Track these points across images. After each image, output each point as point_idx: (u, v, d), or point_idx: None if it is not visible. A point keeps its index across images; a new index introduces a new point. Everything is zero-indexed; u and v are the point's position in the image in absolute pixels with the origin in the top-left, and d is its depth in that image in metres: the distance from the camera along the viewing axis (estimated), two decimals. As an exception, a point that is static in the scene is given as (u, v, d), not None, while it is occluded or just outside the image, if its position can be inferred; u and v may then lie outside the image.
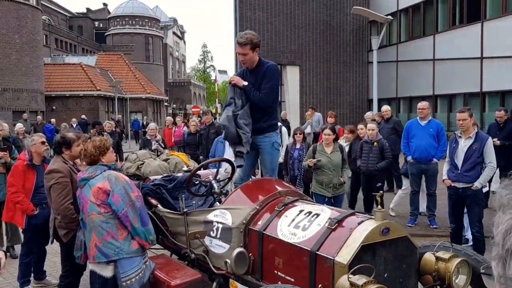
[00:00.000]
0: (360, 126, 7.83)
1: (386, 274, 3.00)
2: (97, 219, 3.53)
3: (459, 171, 5.71)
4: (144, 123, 30.00)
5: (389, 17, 18.27)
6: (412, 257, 3.18)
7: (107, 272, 3.57)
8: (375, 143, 7.40)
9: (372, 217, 3.08)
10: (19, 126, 11.01)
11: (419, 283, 3.29)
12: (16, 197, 4.88)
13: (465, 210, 6.10)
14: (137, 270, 3.57)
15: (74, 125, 19.51)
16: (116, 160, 4.85)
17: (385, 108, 10.48)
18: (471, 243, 6.17)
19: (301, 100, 20.28)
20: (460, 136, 5.77)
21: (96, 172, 3.63)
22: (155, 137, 9.13)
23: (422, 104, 7.47)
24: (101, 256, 3.52)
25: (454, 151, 5.83)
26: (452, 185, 5.83)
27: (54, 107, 32.06)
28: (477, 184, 5.61)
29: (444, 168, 6.07)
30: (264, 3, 19.42)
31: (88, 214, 3.56)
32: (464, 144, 5.70)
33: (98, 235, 3.52)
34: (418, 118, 7.56)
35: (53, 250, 5.98)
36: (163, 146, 8.74)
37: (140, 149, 8.53)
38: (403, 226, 5.53)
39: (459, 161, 5.72)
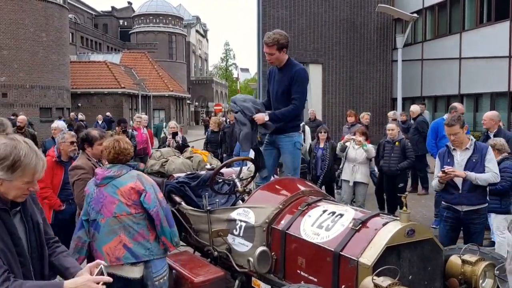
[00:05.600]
0: (390, 126, 7.71)
1: (410, 277, 2.97)
2: (127, 219, 3.45)
3: (459, 192, 4.61)
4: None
5: (415, 15, 17.92)
6: (438, 259, 3.14)
7: (133, 273, 3.49)
8: (397, 143, 7.33)
9: (397, 218, 3.05)
10: (60, 124, 8.40)
11: (444, 286, 3.24)
12: (44, 192, 4.98)
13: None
14: (166, 269, 3.62)
15: (100, 122, 19.83)
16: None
17: (411, 108, 10.43)
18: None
19: (324, 98, 20.15)
20: (454, 149, 4.77)
21: (122, 171, 3.55)
22: (176, 134, 9.17)
23: (459, 107, 7.45)
24: (130, 257, 3.44)
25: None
26: (452, 206, 4.70)
27: (79, 104, 32.65)
28: (471, 175, 4.49)
29: (433, 183, 4.91)
30: (287, 1, 19.34)
31: (115, 215, 3.45)
32: (461, 158, 4.69)
33: (128, 236, 3.45)
34: (445, 118, 7.44)
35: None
36: (182, 144, 8.71)
37: (159, 147, 8.60)
38: (428, 227, 5.44)
39: (457, 179, 4.61)
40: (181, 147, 7.52)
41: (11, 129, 4.29)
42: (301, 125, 8.37)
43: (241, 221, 3.77)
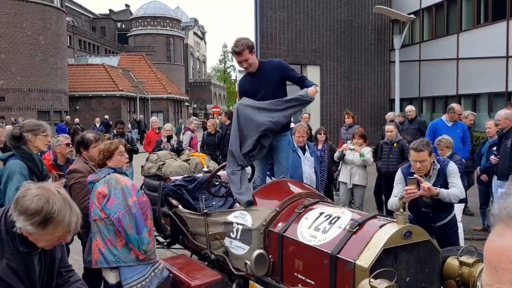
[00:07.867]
0: (388, 127, 7.71)
1: (408, 279, 2.95)
2: (100, 224, 3.52)
3: (430, 214, 4.26)
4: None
5: (412, 16, 17.97)
6: (435, 261, 3.12)
7: (110, 278, 3.53)
8: (395, 144, 7.33)
9: (394, 220, 3.04)
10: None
11: (442, 288, 3.23)
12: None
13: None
14: (139, 278, 3.50)
15: (98, 125, 19.80)
16: None
17: (409, 108, 10.33)
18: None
19: (322, 100, 20.14)
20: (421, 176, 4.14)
21: (101, 175, 3.63)
22: (171, 138, 9.13)
23: (457, 108, 7.43)
24: (103, 261, 3.48)
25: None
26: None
27: (77, 107, 32.66)
28: (443, 192, 4.00)
29: (390, 202, 4.22)
30: (285, 2, 19.35)
31: (93, 218, 3.56)
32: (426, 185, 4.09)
33: (101, 240, 3.50)
34: (443, 118, 7.41)
35: (76, 249, 6.08)
36: (177, 147, 8.65)
37: (153, 150, 8.56)
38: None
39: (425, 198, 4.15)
40: (176, 151, 7.49)
41: (50, 131, 4.26)
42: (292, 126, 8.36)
43: (238, 224, 3.75)
